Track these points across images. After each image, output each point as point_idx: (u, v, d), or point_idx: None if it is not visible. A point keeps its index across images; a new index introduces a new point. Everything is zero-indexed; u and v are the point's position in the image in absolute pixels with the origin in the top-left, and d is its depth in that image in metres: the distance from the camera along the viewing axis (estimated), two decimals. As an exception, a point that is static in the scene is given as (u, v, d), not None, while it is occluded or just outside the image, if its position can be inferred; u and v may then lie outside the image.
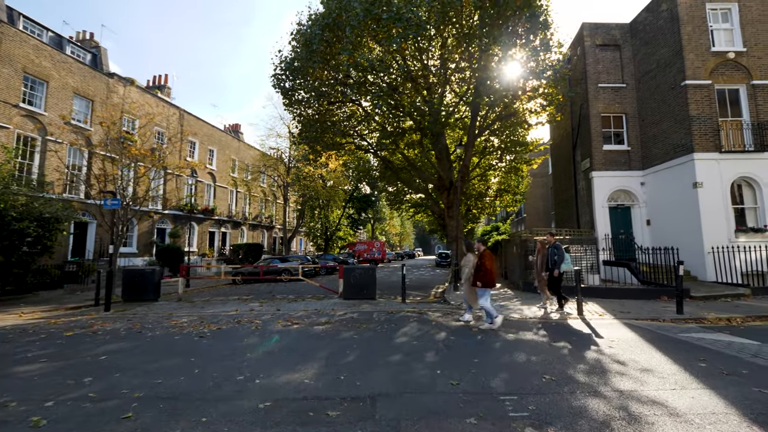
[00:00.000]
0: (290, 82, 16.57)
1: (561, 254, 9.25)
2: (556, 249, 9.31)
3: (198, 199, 30.16)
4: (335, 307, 11.01)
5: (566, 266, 9.29)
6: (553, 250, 9.36)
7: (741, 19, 13.05)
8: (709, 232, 12.26)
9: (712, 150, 12.56)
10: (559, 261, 9.21)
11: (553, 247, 9.39)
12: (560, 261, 9.21)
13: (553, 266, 9.25)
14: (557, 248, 9.32)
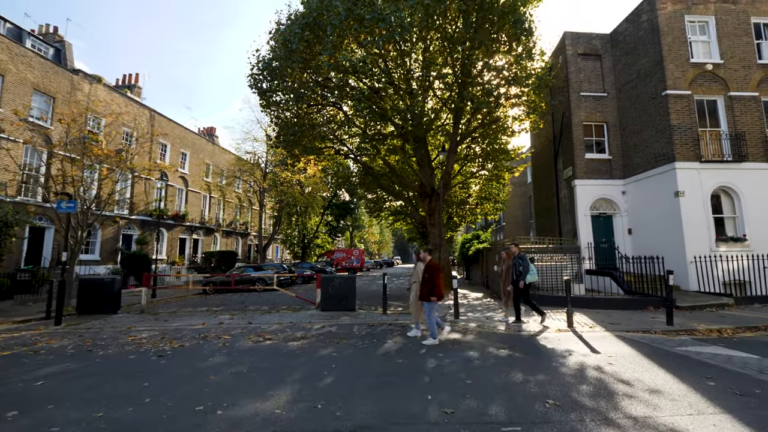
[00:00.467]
0: (268, 83, 15.89)
1: (526, 265, 8.90)
2: (521, 260, 8.96)
3: (168, 204, 28.80)
4: (312, 320, 10.31)
5: (531, 277, 8.94)
6: (518, 261, 9.01)
7: (718, 32, 13.27)
8: (691, 242, 12.23)
9: (692, 159, 12.61)
10: (524, 272, 8.87)
11: (518, 257, 9.05)
12: (525, 272, 8.87)
13: (518, 277, 8.90)
14: (522, 259, 8.97)
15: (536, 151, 19.64)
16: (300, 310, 12.53)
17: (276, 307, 13.57)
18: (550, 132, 18.17)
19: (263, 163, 31.31)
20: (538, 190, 20.44)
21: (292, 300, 14.29)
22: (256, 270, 21.95)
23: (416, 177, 20.80)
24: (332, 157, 21.77)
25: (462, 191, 24.16)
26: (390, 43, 12.40)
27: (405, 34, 12.29)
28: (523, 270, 8.86)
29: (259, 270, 21.91)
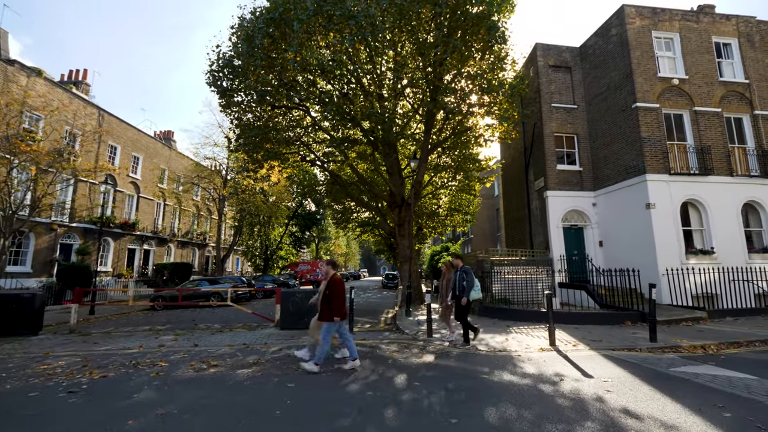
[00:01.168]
0: (228, 82, 14.76)
1: (471, 280, 8.05)
2: (466, 274, 8.10)
3: (116, 210, 26.53)
4: (269, 340, 9.17)
5: (475, 294, 8.17)
6: (461, 275, 8.17)
7: (682, 48, 13.54)
8: (663, 254, 12.12)
9: (662, 172, 12.61)
10: (468, 288, 7.99)
11: (462, 271, 8.21)
12: (469, 288, 8.00)
13: (461, 293, 8.05)
14: (467, 273, 8.12)
15: (506, 163, 19.48)
16: (256, 328, 11.31)
17: (230, 325, 12.26)
18: (520, 143, 18.01)
19: (224, 169, 29.61)
20: (508, 202, 20.23)
21: (249, 317, 13.00)
22: (211, 283, 20.29)
23: (386, 186, 20.09)
24: (298, 164, 20.71)
25: (432, 202, 23.68)
26: (360, 42, 11.69)
27: (377, 33, 11.63)
28: (467, 285, 7.99)
29: (215, 283, 20.27)
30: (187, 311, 16.92)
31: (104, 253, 26.33)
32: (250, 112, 15.80)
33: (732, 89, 13.53)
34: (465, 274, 8.10)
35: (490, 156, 17.66)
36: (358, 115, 12.87)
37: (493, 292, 13.53)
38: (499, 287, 13.57)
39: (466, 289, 7.97)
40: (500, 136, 15.33)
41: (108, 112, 25.52)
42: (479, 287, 8.30)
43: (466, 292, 7.97)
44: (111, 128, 25.85)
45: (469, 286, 7.99)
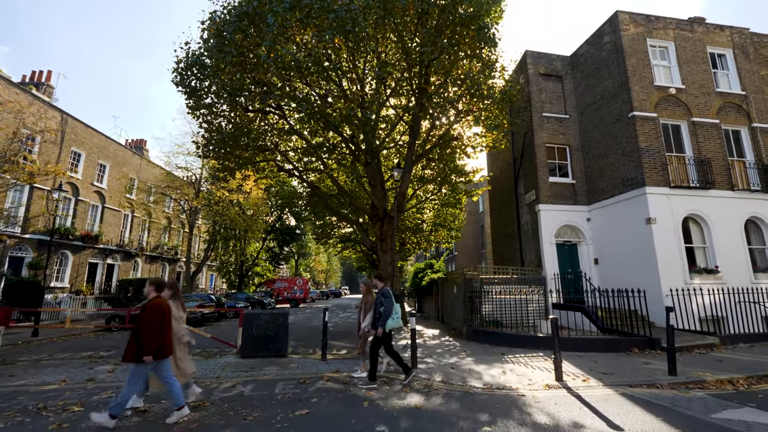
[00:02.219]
0: (198, 81, 13.51)
1: (389, 305, 6.67)
2: (384, 297, 6.75)
3: (78, 221, 24.57)
4: (224, 372, 7.73)
5: (394, 323, 6.64)
6: (380, 299, 6.81)
7: (678, 57, 13.03)
8: (665, 273, 11.23)
9: (662, 184, 11.84)
10: (385, 315, 6.61)
11: (380, 294, 6.86)
12: (386, 315, 6.61)
13: (377, 320, 6.70)
14: (385, 296, 6.76)
15: (494, 175, 18.62)
16: (215, 355, 9.83)
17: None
18: (508, 155, 17.20)
19: (197, 179, 27.98)
20: (495, 217, 19.29)
21: (209, 342, 11.45)
22: (176, 302, 18.48)
23: (367, 198, 18.93)
24: (275, 174, 19.42)
25: (416, 216, 22.60)
26: (341, 37, 10.66)
27: (358, 29, 10.63)
28: (384, 312, 6.59)
29: (180, 302, 18.47)
30: (145, 333, 15.16)
31: (62, 267, 24.24)
32: (221, 117, 14.55)
33: (729, 100, 13.02)
34: (383, 297, 6.71)
35: (478, 167, 16.75)
36: (337, 118, 11.74)
37: (483, 313, 12.39)
38: (488, 308, 12.44)
39: (383, 317, 6.57)
40: (489, 145, 14.43)
41: (72, 116, 23.83)
42: (399, 314, 6.79)
43: (382, 320, 6.56)
44: (76, 134, 24.14)
45: (386, 313, 6.57)
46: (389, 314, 6.61)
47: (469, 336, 12.08)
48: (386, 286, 7.09)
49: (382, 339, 6.68)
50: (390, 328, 6.64)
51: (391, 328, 6.65)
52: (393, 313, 6.64)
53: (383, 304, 6.67)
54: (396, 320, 6.68)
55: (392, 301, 6.69)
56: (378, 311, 6.71)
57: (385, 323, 6.56)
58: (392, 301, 6.69)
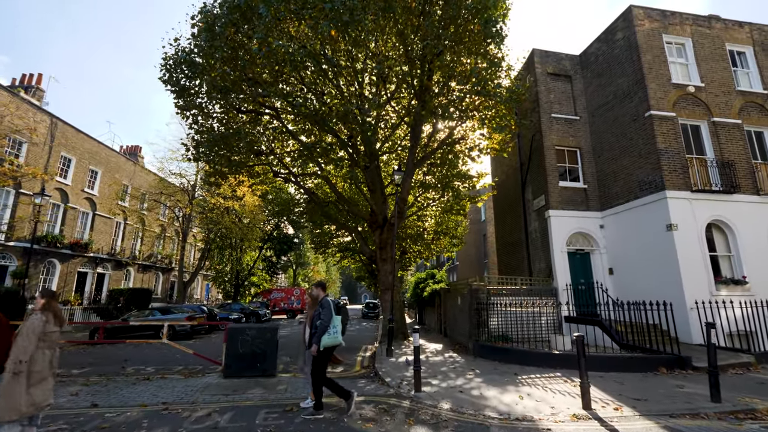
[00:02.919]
0: (187, 79, 12.79)
1: (326, 318, 5.69)
2: (322, 308, 5.78)
3: (67, 229, 23.70)
4: (202, 396, 6.79)
5: (331, 339, 5.68)
6: (317, 310, 5.86)
7: (696, 55, 12.32)
8: (689, 284, 10.34)
9: (683, 188, 11.01)
10: (321, 328, 5.62)
11: (320, 305, 5.88)
12: (323, 328, 5.62)
13: (312, 337, 5.73)
14: (324, 306, 5.78)
15: (499, 181, 17.80)
16: (196, 374, 8.90)
17: (167, 368, 9.80)
18: (514, 159, 16.41)
19: (191, 185, 27.16)
20: (500, 225, 18.43)
21: (193, 359, 10.50)
22: (163, 313, 17.57)
23: (367, 205, 18.13)
24: (270, 180, 18.63)
25: (417, 224, 21.75)
26: (337, 28, 9.93)
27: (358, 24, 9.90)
28: (321, 325, 5.63)
29: (167, 313, 17.56)
30: (129, 347, 14.18)
31: (49, 276, 23.31)
32: (212, 118, 13.82)
33: (750, 100, 12.28)
34: (321, 308, 5.79)
35: (483, 172, 15.96)
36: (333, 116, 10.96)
37: (490, 327, 11.47)
38: (496, 322, 11.53)
39: (318, 332, 5.61)
40: (496, 148, 13.64)
41: (63, 120, 23.11)
42: (338, 329, 5.84)
43: (317, 336, 5.60)
44: (66, 138, 23.40)
45: (322, 326, 5.63)
46: (326, 328, 5.63)
47: (475, 352, 11.15)
48: (326, 296, 6.11)
49: (319, 358, 5.67)
50: (326, 345, 5.64)
51: (327, 346, 5.66)
52: (331, 327, 5.68)
53: (320, 316, 5.70)
54: (333, 336, 5.72)
55: (331, 313, 5.73)
56: (314, 325, 5.74)
57: (321, 339, 5.56)
58: (331, 313, 5.73)
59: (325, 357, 5.77)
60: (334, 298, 6.87)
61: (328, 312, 5.71)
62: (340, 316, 5.97)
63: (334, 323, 5.74)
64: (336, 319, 5.79)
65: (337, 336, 5.76)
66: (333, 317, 5.73)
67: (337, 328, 5.79)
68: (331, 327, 5.69)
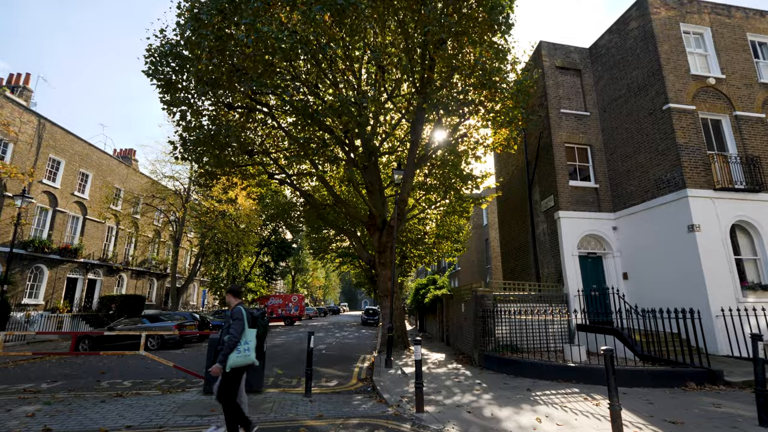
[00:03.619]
0: (173, 72, 12.06)
1: (237, 330, 4.69)
2: (233, 320, 4.79)
3: (56, 234, 22.91)
4: (173, 418, 5.96)
5: (240, 358, 4.65)
6: (227, 322, 4.90)
7: (715, 45, 11.58)
8: (714, 290, 9.51)
9: (705, 187, 10.22)
10: (229, 344, 4.61)
11: (230, 315, 4.89)
12: (230, 345, 4.61)
13: (218, 354, 4.69)
14: (235, 317, 4.80)
15: (503, 182, 17.01)
16: (175, 389, 8.07)
17: (145, 382, 8.98)
18: (519, 159, 15.65)
19: (184, 188, 26.39)
20: (505, 228, 17.62)
21: (174, 372, 9.65)
22: (152, 321, 16.71)
23: (365, 207, 17.36)
24: (265, 182, 17.88)
25: (418, 227, 20.93)
26: (331, 14, 9.21)
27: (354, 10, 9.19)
28: (228, 341, 4.62)
29: (156, 321, 16.70)
30: (113, 358, 13.33)
31: (36, 282, 22.47)
32: (201, 115, 13.08)
33: (774, 93, 11.53)
34: (232, 320, 4.80)
35: (487, 172, 15.18)
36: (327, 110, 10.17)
37: (497, 336, 10.64)
38: (503, 330, 10.71)
39: (224, 349, 4.60)
40: (503, 144, 12.87)
41: (51, 122, 22.42)
42: (251, 344, 4.77)
43: (222, 353, 4.58)
44: (54, 140, 22.70)
45: (229, 343, 4.59)
46: (234, 344, 4.60)
47: (481, 363, 10.31)
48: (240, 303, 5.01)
49: (229, 380, 4.63)
50: (234, 366, 4.59)
51: (235, 366, 4.60)
52: (241, 342, 4.66)
53: (229, 329, 4.71)
54: (243, 355, 4.65)
55: (242, 327, 4.70)
56: (222, 340, 4.75)
57: (227, 358, 4.55)
58: (242, 327, 4.70)
59: (235, 379, 4.69)
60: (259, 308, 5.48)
61: (239, 325, 4.68)
62: (255, 329, 4.87)
63: (246, 338, 4.70)
64: (249, 334, 4.75)
65: (248, 355, 4.69)
66: (245, 331, 4.70)
67: (250, 345, 4.73)
68: (242, 343, 4.64)
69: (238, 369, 4.69)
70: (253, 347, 4.78)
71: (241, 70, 10.77)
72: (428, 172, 16.63)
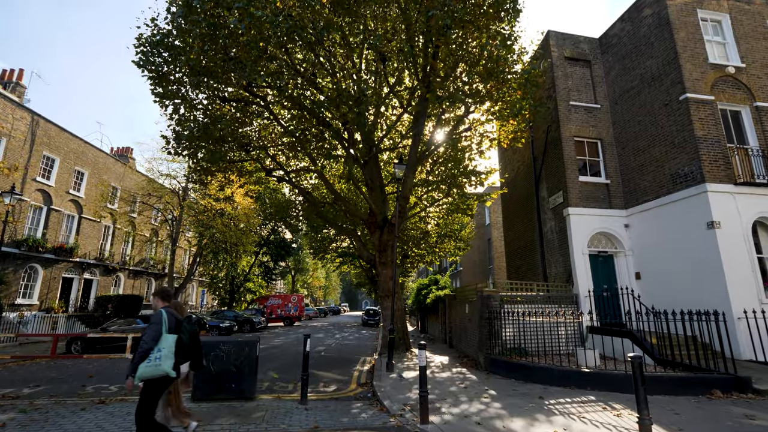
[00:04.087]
0: (165, 63, 11.54)
1: (150, 336, 4.03)
2: (150, 324, 4.17)
3: (50, 233, 22.44)
4: (153, 431, 5.41)
5: (150, 369, 3.90)
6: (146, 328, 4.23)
7: (735, 32, 11.04)
8: (736, 291, 8.97)
9: (725, 181, 9.67)
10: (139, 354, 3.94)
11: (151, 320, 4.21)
12: (141, 353, 3.94)
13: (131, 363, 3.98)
14: (152, 322, 4.16)
15: (508, 178, 16.45)
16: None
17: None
18: (525, 155, 15.12)
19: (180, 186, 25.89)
20: (510, 227, 17.08)
21: (163, 375, 9.13)
22: (145, 322, 16.18)
23: (365, 205, 16.82)
24: (263, 180, 17.36)
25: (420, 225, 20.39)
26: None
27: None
28: (139, 349, 3.95)
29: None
30: (104, 361, 12.81)
31: (30, 282, 22.00)
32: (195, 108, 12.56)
33: (796, 83, 10.97)
34: (149, 324, 4.17)
35: (492, 168, 14.63)
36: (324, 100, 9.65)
37: (503, 338, 10.11)
38: (510, 332, 10.18)
39: (134, 358, 3.94)
40: (511, 136, 12.32)
41: (45, 118, 21.94)
42: (166, 353, 3.97)
43: (132, 363, 3.92)
44: (49, 137, 22.21)
45: (140, 351, 3.93)
46: (145, 353, 3.92)
47: (487, 367, 9.80)
48: (170, 307, 4.38)
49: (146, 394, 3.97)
50: (143, 378, 3.88)
51: (144, 378, 3.89)
52: (155, 350, 3.96)
53: (143, 335, 4.06)
54: (154, 365, 3.89)
55: (158, 332, 4.05)
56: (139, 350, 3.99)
57: (137, 368, 3.86)
58: (158, 332, 4.05)
59: (151, 394, 4.00)
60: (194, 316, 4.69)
61: (154, 330, 4.04)
62: (176, 335, 4.12)
63: (161, 346, 3.98)
64: (165, 340, 4.03)
65: (158, 365, 3.90)
66: (162, 338, 4.02)
67: (163, 353, 3.95)
68: (155, 351, 3.91)
69: (154, 382, 3.96)
70: (169, 356, 3.98)
71: (234, 59, 10.25)
72: (430, 169, 16.11)
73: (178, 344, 4.11)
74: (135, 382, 3.87)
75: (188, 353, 4.22)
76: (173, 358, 4.00)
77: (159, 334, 4.03)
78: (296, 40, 9.09)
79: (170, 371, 3.95)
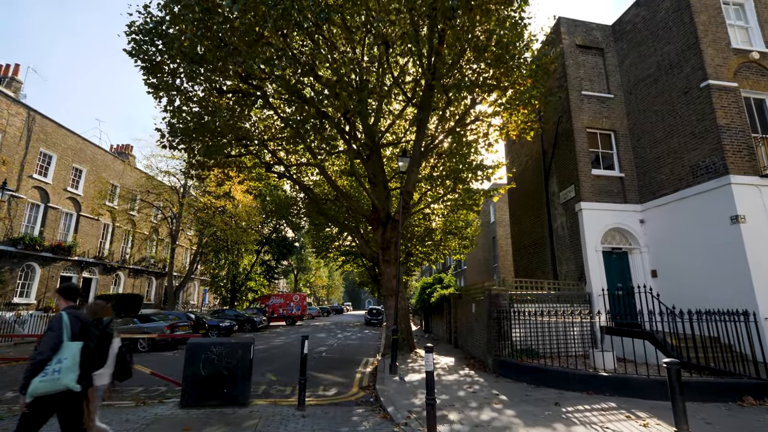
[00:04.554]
0: (158, 53, 11.06)
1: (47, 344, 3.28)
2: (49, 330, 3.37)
3: (48, 231, 22.06)
4: (134, 443, 4.95)
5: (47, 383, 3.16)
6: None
7: (758, 16, 10.43)
8: (762, 289, 8.39)
9: (750, 173, 9.09)
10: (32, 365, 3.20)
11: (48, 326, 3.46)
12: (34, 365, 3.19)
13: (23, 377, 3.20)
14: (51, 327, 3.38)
15: (516, 172, 15.88)
16: (152, 400, 7.10)
17: (123, 389, 7.98)
18: (534, 148, 14.56)
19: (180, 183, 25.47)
20: (517, 224, 16.52)
21: (150, 379, 8.65)
22: (142, 322, 15.79)
23: (367, 201, 16.33)
24: (263, 176, 16.86)
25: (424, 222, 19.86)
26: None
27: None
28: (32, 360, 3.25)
29: (148, 322, 15.77)
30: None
31: (27, 281, 21.64)
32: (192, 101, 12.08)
33: (821, 69, 10.36)
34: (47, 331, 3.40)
35: (499, 161, 14.06)
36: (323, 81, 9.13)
37: (513, 339, 9.58)
38: (520, 333, 9.65)
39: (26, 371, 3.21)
40: (521, 127, 11.73)
41: (42, 114, 21.56)
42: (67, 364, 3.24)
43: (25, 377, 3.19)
44: (45, 133, 21.82)
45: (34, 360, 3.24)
46: (38, 363, 3.20)
47: (495, 369, 9.28)
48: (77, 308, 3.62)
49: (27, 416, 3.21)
50: (36, 394, 3.15)
51: (38, 394, 3.16)
52: (53, 361, 3.24)
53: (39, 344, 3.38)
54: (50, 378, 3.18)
55: (57, 339, 3.31)
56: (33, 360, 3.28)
57: (29, 383, 3.15)
58: (57, 339, 3.31)
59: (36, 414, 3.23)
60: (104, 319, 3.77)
61: (51, 338, 3.30)
62: (81, 342, 3.38)
63: (62, 356, 3.26)
64: (67, 349, 3.30)
65: (57, 378, 3.18)
66: (63, 346, 3.30)
67: (64, 365, 3.23)
68: (54, 362, 3.17)
69: (44, 399, 3.20)
70: (72, 367, 3.27)
71: (229, 45, 9.75)
72: (435, 164, 15.58)
73: (85, 352, 3.36)
74: (26, 401, 3.13)
75: (99, 362, 3.47)
76: (77, 370, 3.28)
77: (58, 342, 3.29)
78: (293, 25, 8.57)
79: (73, 385, 3.23)
